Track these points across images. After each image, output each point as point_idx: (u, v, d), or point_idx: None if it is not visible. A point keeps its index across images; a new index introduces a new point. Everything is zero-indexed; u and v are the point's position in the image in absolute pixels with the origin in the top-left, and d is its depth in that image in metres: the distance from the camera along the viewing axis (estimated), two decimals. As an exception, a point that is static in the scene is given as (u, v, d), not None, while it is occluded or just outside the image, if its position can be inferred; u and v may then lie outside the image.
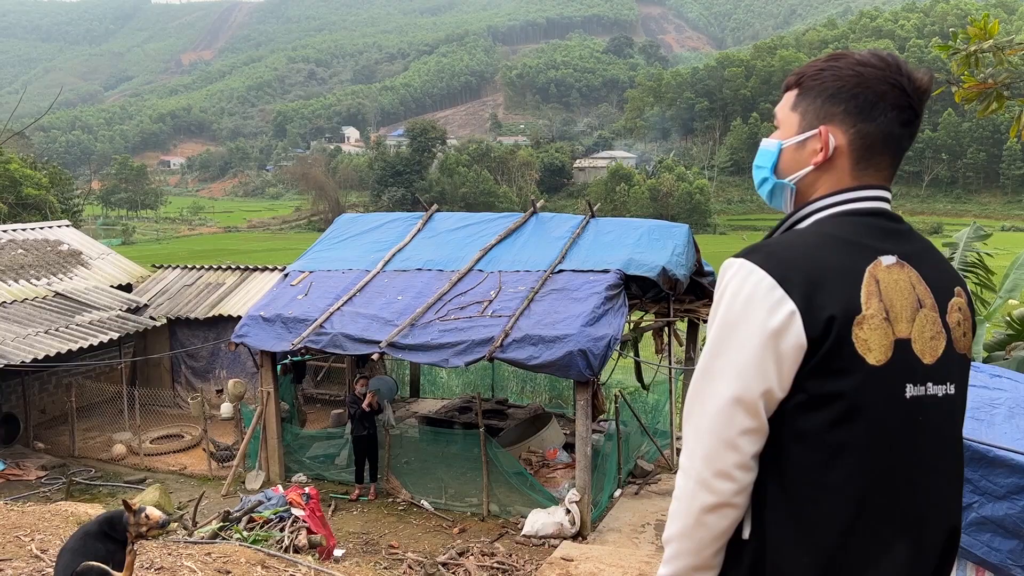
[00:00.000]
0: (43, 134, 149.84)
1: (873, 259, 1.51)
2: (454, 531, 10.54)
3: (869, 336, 1.45)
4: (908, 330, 1.50)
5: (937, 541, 1.56)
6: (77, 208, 50.83)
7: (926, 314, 1.53)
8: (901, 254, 1.54)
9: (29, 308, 14.72)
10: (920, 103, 1.59)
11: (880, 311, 1.47)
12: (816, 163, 1.62)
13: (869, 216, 1.58)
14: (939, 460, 1.55)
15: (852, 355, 1.44)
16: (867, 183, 1.60)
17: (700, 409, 1.50)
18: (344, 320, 11.41)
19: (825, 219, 1.59)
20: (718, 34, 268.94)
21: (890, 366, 1.47)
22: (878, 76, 1.57)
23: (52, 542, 5.30)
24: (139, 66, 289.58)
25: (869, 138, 1.59)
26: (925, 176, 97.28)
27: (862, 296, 1.46)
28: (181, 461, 13.73)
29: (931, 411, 1.52)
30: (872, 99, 1.57)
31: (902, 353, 1.49)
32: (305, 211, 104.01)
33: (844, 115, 1.59)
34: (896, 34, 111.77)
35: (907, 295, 1.52)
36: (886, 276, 1.50)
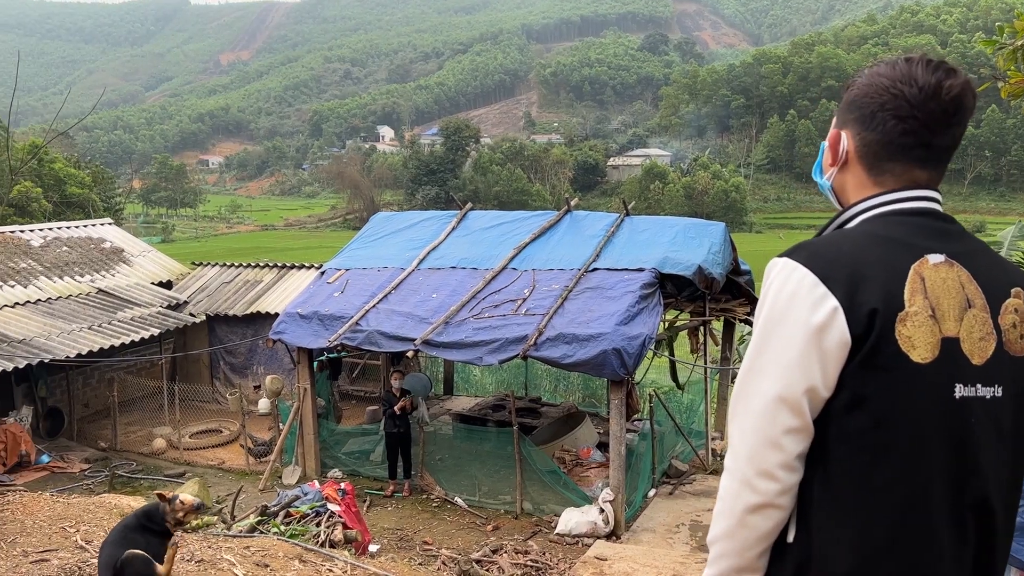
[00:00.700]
0: (86, 134, 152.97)
1: (919, 257, 1.50)
2: (487, 528, 10.57)
3: (913, 333, 1.44)
4: (956, 329, 1.49)
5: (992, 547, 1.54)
6: (119, 206, 51.88)
7: (975, 314, 1.51)
8: (950, 253, 1.52)
9: (73, 304, 15.05)
10: (931, 112, 1.55)
11: (925, 308, 1.46)
12: (832, 164, 1.70)
13: (916, 216, 1.57)
14: (993, 465, 1.52)
15: (896, 352, 1.43)
16: (899, 188, 1.60)
17: (744, 408, 1.50)
18: (379, 317, 11.50)
19: (871, 219, 1.60)
20: (755, 30, 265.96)
21: (937, 365, 1.46)
22: (883, 85, 1.59)
23: (96, 533, 5.42)
24: (179, 67, 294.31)
25: (872, 146, 1.61)
26: (967, 174, 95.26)
27: (906, 293, 1.46)
28: (219, 456, 13.94)
29: (980, 413, 1.49)
30: (873, 108, 1.59)
31: (951, 352, 1.47)
32: (340, 210, 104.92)
33: (854, 123, 1.65)
34: (938, 29, 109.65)
35: (955, 294, 1.50)
36: (932, 274, 1.49)
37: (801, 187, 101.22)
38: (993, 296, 1.54)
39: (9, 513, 5.88)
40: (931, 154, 1.60)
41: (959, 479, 1.48)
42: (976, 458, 1.50)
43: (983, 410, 1.50)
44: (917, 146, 1.58)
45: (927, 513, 1.46)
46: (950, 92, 1.55)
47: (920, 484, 1.45)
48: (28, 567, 4.97)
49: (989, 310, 1.52)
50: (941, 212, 1.60)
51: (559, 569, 8.93)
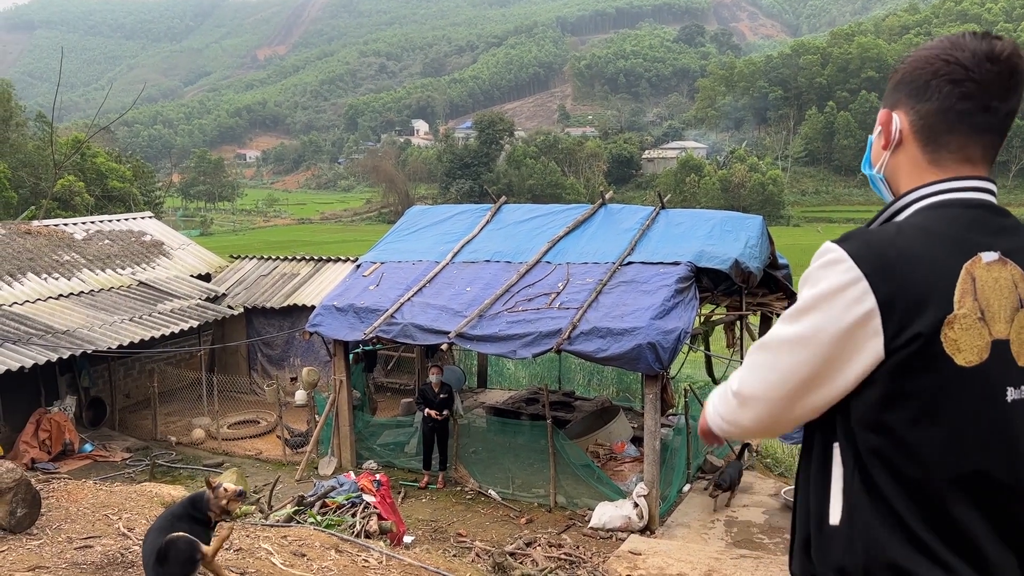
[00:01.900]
0: (127, 129, 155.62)
1: (972, 255, 1.45)
2: (521, 521, 10.59)
3: (960, 336, 1.41)
4: (1007, 331, 1.44)
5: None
6: (158, 200, 52.76)
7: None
8: (1004, 250, 1.47)
9: (115, 296, 15.34)
10: (988, 73, 1.50)
11: (974, 310, 1.42)
12: (884, 147, 1.64)
13: (970, 208, 1.52)
14: None
15: (938, 354, 1.40)
16: (953, 168, 1.55)
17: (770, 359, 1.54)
18: (414, 310, 11.56)
19: (924, 210, 1.54)
20: (793, 21, 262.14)
21: (986, 368, 1.41)
22: (934, 55, 1.55)
23: (138, 521, 5.53)
24: (216, 62, 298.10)
25: (929, 117, 1.56)
26: (1012, 166, 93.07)
27: (956, 294, 1.42)
28: (257, 446, 14.14)
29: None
30: (926, 78, 1.55)
31: (1000, 355, 1.43)
32: (376, 203, 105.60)
33: (906, 99, 1.60)
34: (983, 18, 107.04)
35: (1007, 294, 1.45)
36: (985, 274, 1.44)
37: (840, 180, 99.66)
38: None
39: (54, 500, 6.03)
40: (990, 120, 1.54)
41: (1010, 486, 1.44)
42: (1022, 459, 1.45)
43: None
44: (977, 111, 1.53)
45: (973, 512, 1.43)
46: (1003, 53, 1.51)
47: (963, 484, 1.42)
48: (72, 553, 5.09)
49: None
50: (996, 204, 1.55)
51: (593, 563, 8.92)
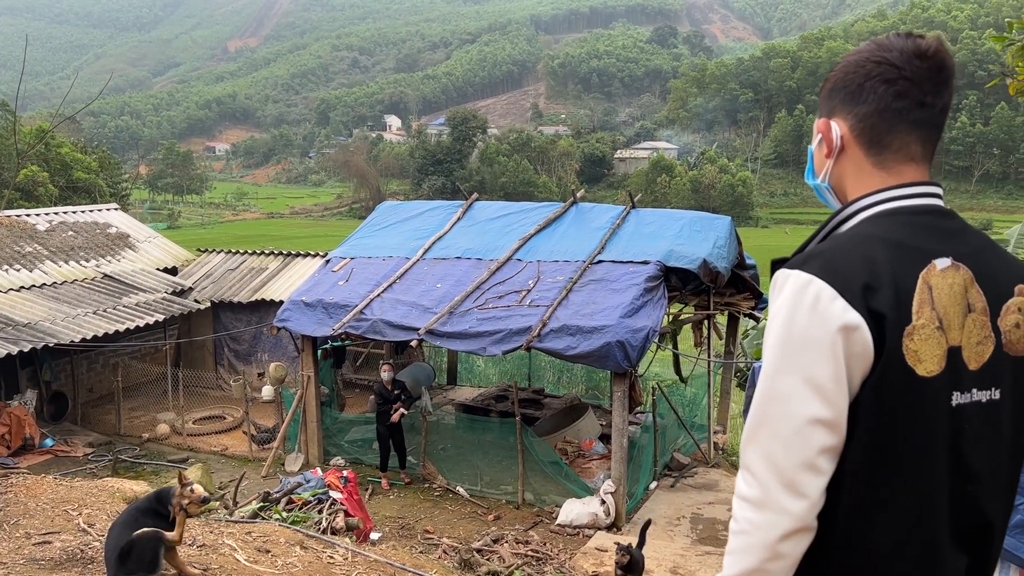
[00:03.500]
0: (93, 119, 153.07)
1: (927, 263, 1.45)
2: (489, 518, 10.61)
3: (920, 347, 1.41)
4: (959, 337, 1.46)
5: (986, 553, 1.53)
6: (125, 192, 51.90)
7: (975, 318, 1.48)
8: (956, 255, 1.48)
9: (78, 289, 15.09)
10: (919, 69, 1.52)
11: (932, 320, 1.42)
12: (827, 156, 1.63)
13: (920, 215, 1.53)
14: (989, 469, 1.50)
15: (902, 367, 1.40)
16: (898, 171, 1.56)
17: (770, 433, 1.42)
18: (384, 307, 11.51)
19: (874, 219, 1.53)
20: (764, 24, 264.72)
21: (941, 376, 1.43)
22: (864, 58, 1.57)
23: (99, 516, 5.45)
24: (186, 53, 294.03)
25: (867, 119, 1.56)
26: (975, 171, 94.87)
27: (914, 305, 1.42)
28: (222, 442, 13.99)
29: (976, 418, 1.47)
30: (859, 80, 1.56)
31: (954, 362, 1.44)
32: (347, 198, 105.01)
33: (842, 105, 1.60)
34: (949, 25, 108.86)
35: (960, 300, 1.46)
36: (940, 281, 1.45)
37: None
38: (995, 297, 1.50)
39: (12, 495, 5.92)
40: (927, 116, 1.55)
41: (956, 488, 1.46)
42: (971, 465, 1.47)
43: (979, 415, 1.48)
44: (913, 107, 1.54)
45: (930, 526, 1.45)
46: (930, 50, 1.53)
47: (923, 498, 1.44)
48: (31, 549, 5.00)
49: (989, 312, 1.49)
50: (943, 208, 1.56)
51: (559, 560, 8.95)
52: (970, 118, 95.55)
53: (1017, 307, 1.52)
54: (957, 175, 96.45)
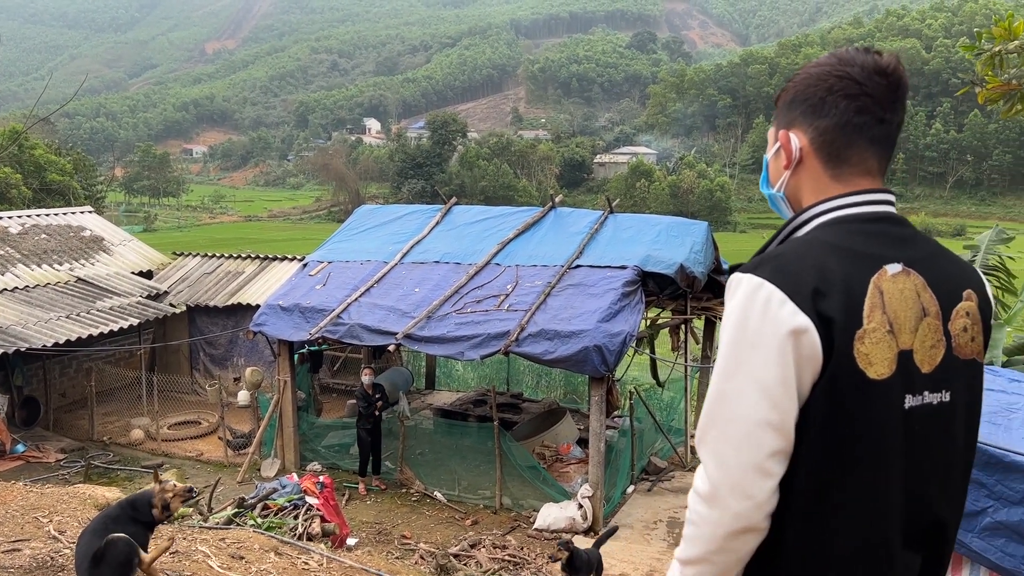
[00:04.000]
0: (68, 121, 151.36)
1: (878, 269, 1.47)
2: (466, 523, 10.59)
3: (870, 350, 1.43)
4: (911, 341, 1.48)
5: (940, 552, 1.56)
6: (100, 195, 51.32)
7: (929, 323, 1.50)
8: (907, 260, 1.50)
9: (51, 293, 14.90)
10: (879, 86, 1.55)
11: (883, 324, 1.44)
12: (786, 167, 1.65)
13: (872, 222, 1.55)
14: (941, 470, 1.53)
15: (853, 371, 1.41)
16: (854, 182, 1.59)
17: (720, 433, 1.44)
18: (361, 311, 11.47)
19: (827, 225, 1.56)
20: (742, 31, 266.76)
21: (892, 379, 1.45)
22: (826, 72, 1.58)
23: (70, 523, 5.39)
24: (163, 54, 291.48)
25: (828, 133, 1.58)
26: (949, 178, 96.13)
27: (865, 309, 1.44)
28: (198, 447, 13.87)
29: (928, 420, 1.50)
30: (821, 94, 1.58)
31: (905, 365, 1.47)
32: (325, 202, 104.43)
33: (802, 117, 1.62)
34: (923, 33, 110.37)
35: (912, 304, 1.48)
36: (891, 286, 1.47)
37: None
38: (946, 302, 1.53)
39: (-18, 502, 5.83)
40: (884, 132, 1.59)
41: (909, 489, 1.49)
42: (924, 466, 1.50)
43: (931, 417, 1.50)
44: (873, 123, 1.57)
45: (883, 527, 1.47)
46: (889, 67, 1.56)
47: (876, 499, 1.46)
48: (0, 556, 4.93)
49: (942, 317, 1.52)
50: (895, 215, 1.59)
51: (536, 564, 8.96)
52: (944, 125, 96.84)
53: (965, 311, 1.55)
54: (931, 181, 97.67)
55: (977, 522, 4.41)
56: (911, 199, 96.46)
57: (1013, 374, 6.07)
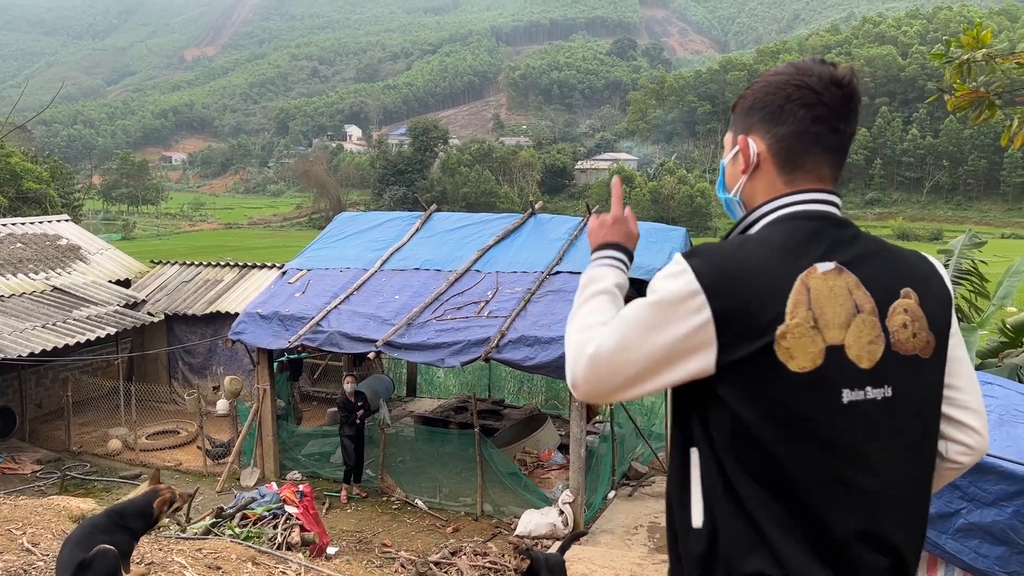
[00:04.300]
0: (45, 128, 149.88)
1: (808, 266, 1.52)
2: (447, 530, 10.56)
3: (792, 344, 1.48)
4: (841, 336, 1.52)
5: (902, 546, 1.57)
6: (78, 203, 50.81)
7: (864, 319, 1.54)
8: (842, 260, 1.55)
9: (27, 302, 14.74)
10: (835, 97, 1.60)
11: (807, 319, 1.49)
12: (743, 171, 1.70)
13: (812, 220, 1.60)
14: (889, 462, 1.56)
15: (774, 363, 1.48)
16: (805, 187, 1.63)
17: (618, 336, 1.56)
18: (341, 318, 11.43)
19: (771, 224, 1.62)
20: (721, 38, 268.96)
21: (820, 372, 1.50)
22: (784, 81, 1.63)
23: (43, 536, 5.33)
24: (142, 61, 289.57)
25: (785, 140, 1.63)
26: (926, 183, 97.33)
27: (788, 305, 1.49)
28: (176, 457, 13.74)
29: (871, 415, 1.54)
30: (780, 102, 1.63)
31: (836, 359, 1.51)
32: (306, 209, 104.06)
33: (760, 124, 1.66)
34: (899, 40, 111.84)
35: (842, 301, 1.53)
36: (820, 283, 1.52)
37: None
38: (882, 299, 1.56)
39: (-46, 515, 5.75)
40: (838, 141, 1.64)
41: (854, 480, 1.52)
42: (869, 457, 1.53)
43: (875, 411, 1.54)
44: (828, 133, 1.62)
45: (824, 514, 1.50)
46: (845, 79, 1.61)
47: (814, 485, 1.50)
48: (-28, 571, 4.86)
49: (878, 313, 1.56)
50: (837, 216, 1.63)
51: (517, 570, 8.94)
52: (920, 131, 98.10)
53: (903, 308, 1.58)
54: (909, 186, 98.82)
55: (951, 523, 4.46)
56: (889, 204, 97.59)
57: (986, 377, 6.15)
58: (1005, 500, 4.34)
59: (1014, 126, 5.00)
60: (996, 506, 4.37)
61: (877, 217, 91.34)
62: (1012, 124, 5.03)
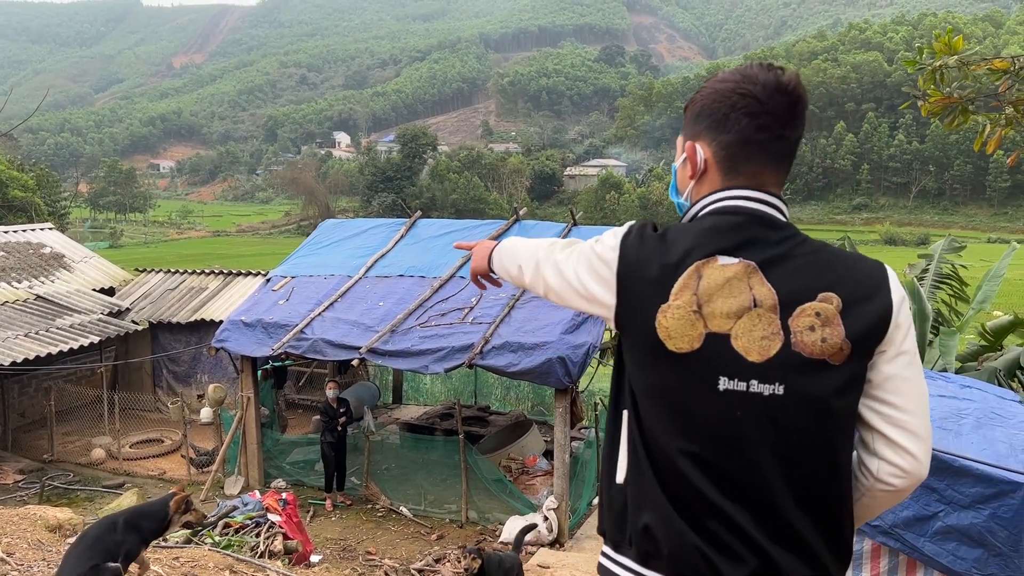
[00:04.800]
0: (31, 136, 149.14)
1: (709, 256, 1.59)
2: (432, 537, 10.53)
3: (671, 324, 1.57)
4: (727, 326, 1.56)
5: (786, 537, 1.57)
6: (65, 211, 50.56)
7: (761, 314, 1.56)
8: (754, 256, 1.59)
9: (9, 311, 14.64)
10: (779, 104, 1.63)
11: (690, 303, 1.57)
12: (691, 177, 1.75)
13: (735, 215, 1.64)
14: (768, 455, 1.56)
15: (654, 340, 1.59)
16: (740, 184, 1.67)
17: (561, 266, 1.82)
18: (325, 326, 11.40)
19: (700, 216, 1.70)
20: (709, 44, 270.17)
21: (697, 356, 1.57)
22: (730, 89, 1.66)
23: (19, 545, 5.28)
24: (129, 69, 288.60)
25: (729, 147, 1.67)
26: (912, 187, 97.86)
27: (675, 287, 1.58)
28: (160, 466, 13.66)
29: (753, 408, 1.56)
30: (725, 111, 1.66)
31: (716, 347, 1.56)
32: (295, 216, 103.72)
33: (706, 131, 1.70)
34: (885, 46, 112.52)
35: (737, 294, 1.57)
36: (715, 273, 1.58)
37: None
38: (789, 299, 1.57)
39: (-72, 526, 5.69)
40: (783, 147, 1.67)
41: (724, 468, 1.56)
42: (746, 449, 1.56)
43: (758, 406, 1.56)
44: (772, 140, 1.65)
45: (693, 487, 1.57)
46: (790, 85, 1.64)
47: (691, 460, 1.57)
48: (-56, 582, 4.82)
49: (779, 312, 1.57)
50: (769, 216, 1.65)
51: (502, 578, 8.91)
52: (907, 136, 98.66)
53: (815, 311, 1.57)
54: (895, 191, 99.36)
55: (929, 526, 4.48)
56: (876, 209, 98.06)
57: (965, 380, 6.19)
58: (982, 503, 4.36)
59: (987, 131, 5.04)
60: (973, 509, 4.39)
61: (864, 222, 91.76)
62: (985, 129, 5.07)
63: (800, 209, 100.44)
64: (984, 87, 5.10)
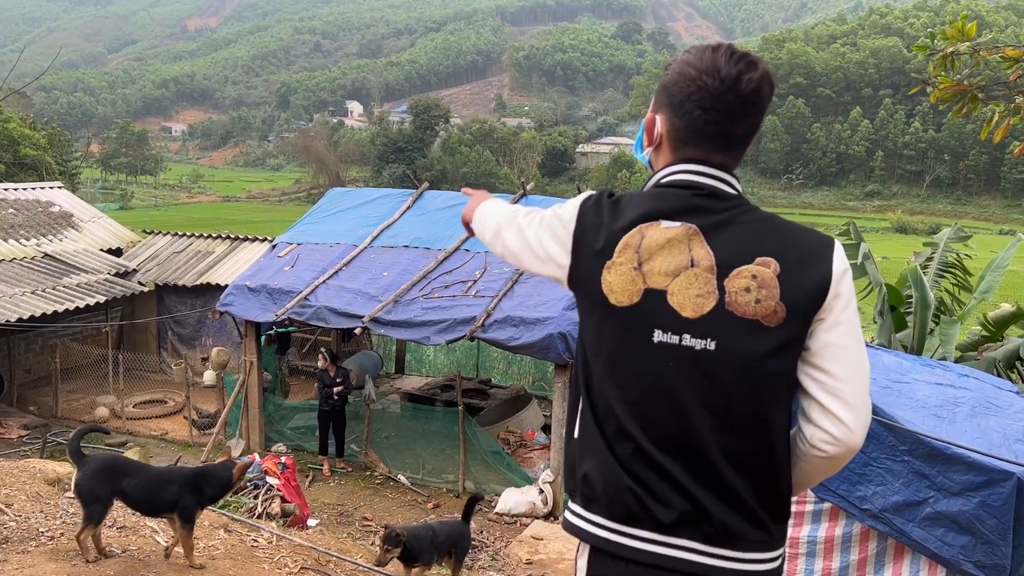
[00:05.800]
0: (44, 94, 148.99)
1: (654, 220, 1.71)
2: (428, 506, 10.65)
3: (614, 280, 1.70)
4: (665, 283, 1.66)
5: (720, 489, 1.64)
6: (75, 171, 50.62)
7: (697, 273, 1.66)
8: (696, 221, 1.69)
9: (17, 268, 14.74)
10: (731, 104, 1.68)
11: (631, 261, 1.69)
12: (649, 144, 1.85)
13: (682, 188, 1.74)
14: (700, 407, 1.64)
15: (599, 293, 1.72)
16: (689, 158, 1.76)
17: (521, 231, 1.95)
18: (329, 293, 11.45)
19: (653, 186, 1.81)
20: (728, 24, 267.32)
21: (635, 309, 1.68)
22: (691, 76, 1.71)
23: (17, 496, 5.37)
24: (144, 30, 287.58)
25: (679, 131, 1.76)
26: (926, 176, 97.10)
27: (619, 246, 1.71)
28: (163, 426, 13.81)
29: (685, 361, 1.65)
30: (682, 98, 1.73)
31: (653, 301, 1.67)
32: (305, 184, 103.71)
33: (666, 108, 1.78)
34: (905, 32, 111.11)
35: (676, 254, 1.67)
36: (657, 234, 1.69)
37: (765, 182, 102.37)
38: (726, 261, 1.66)
39: (-69, 476, 5.79)
40: (728, 141, 1.75)
41: (655, 416, 1.66)
42: (679, 399, 1.65)
43: (689, 358, 1.65)
44: (717, 135, 1.73)
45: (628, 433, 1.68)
46: (749, 85, 1.68)
47: (627, 408, 1.68)
48: (-55, 530, 4.90)
49: (716, 272, 1.65)
50: (713, 187, 1.74)
51: (495, 548, 9.03)
52: (923, 124, 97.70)
53: (751, 274, 1.65)
54: (909, 180, 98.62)
55: (918, 512, 4.52)
56: (888, 196, 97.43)
57: (963, 369, 6.20)
58: (972, 490, 4.39)
59: (995, 119, 5.01)
60: (963, 496, 4.42)
61: (876, 209, 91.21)
62: (993, 117, 5.04)
63: (812, 194, 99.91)
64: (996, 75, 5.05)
